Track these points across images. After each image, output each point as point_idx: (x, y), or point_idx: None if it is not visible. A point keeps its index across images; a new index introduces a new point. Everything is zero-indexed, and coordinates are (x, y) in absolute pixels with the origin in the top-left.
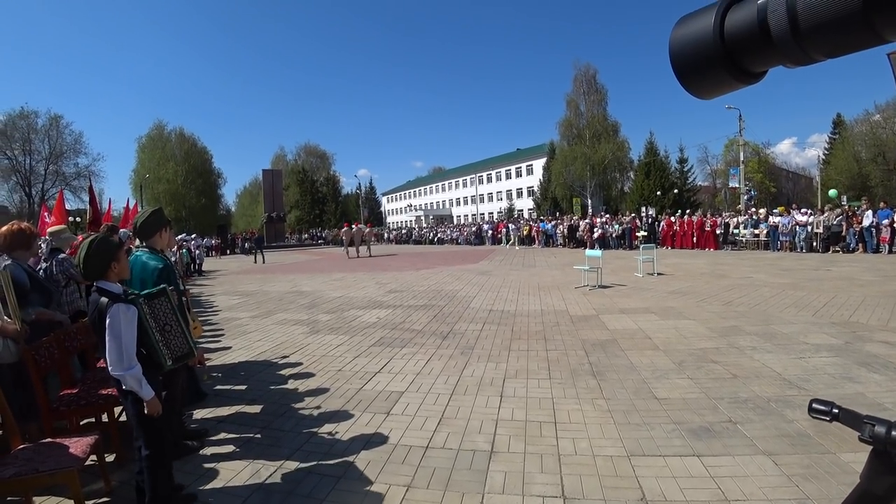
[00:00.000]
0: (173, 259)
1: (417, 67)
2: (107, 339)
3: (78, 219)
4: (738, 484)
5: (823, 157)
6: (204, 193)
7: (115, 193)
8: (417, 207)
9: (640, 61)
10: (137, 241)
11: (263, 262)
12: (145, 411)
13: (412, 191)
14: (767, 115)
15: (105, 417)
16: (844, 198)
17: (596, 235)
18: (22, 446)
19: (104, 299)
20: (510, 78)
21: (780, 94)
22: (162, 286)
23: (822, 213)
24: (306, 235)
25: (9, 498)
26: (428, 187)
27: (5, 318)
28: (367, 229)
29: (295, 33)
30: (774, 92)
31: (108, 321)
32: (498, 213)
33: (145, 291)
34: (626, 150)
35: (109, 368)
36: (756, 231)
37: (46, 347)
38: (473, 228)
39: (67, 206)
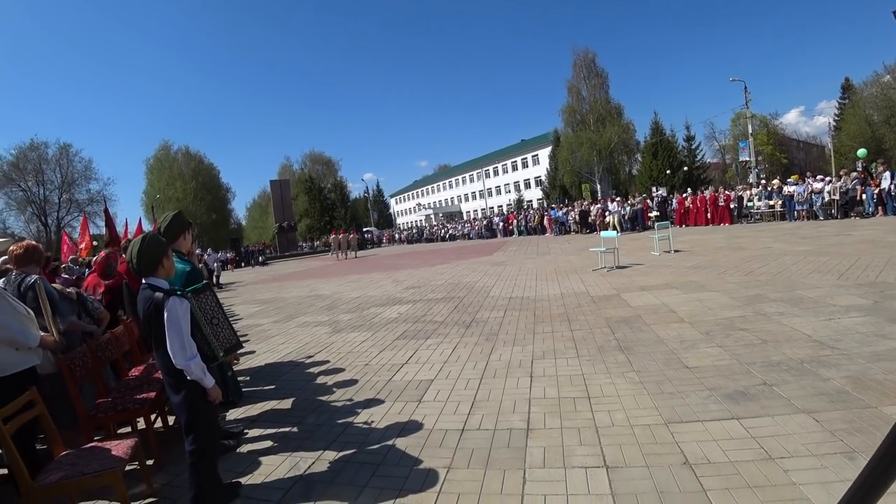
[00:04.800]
0: None
1: (414, 66)
2: (167, 332)
3: (95, 242)
4: (780, 442)
5: (834, 124)
6: (214, 209)
7: (128, 216)
8: (426, 206)
9: (638, 42)
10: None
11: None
12: (210, 398)
13: (419, 190)
14: (772, 86)
15: (141, 424)
16: (859, 163)
17: (608, 219)
18: (65, 452)
19: (158, 294)
20: (509, 70)
21: (783, 64)
22: (205, 282)
23: (839, 178)
24: (318, 243)
25: None
26: (435, 185)
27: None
28: (352, 236)
29: (291, 41)
30: (778, 62)
31: (166, 315)
32: (507, 205)
33: (191, 287)
34: (632, 132)
35: (174, 360)
36: (771, 202)
37: (80, 357)
38: (484, 222)
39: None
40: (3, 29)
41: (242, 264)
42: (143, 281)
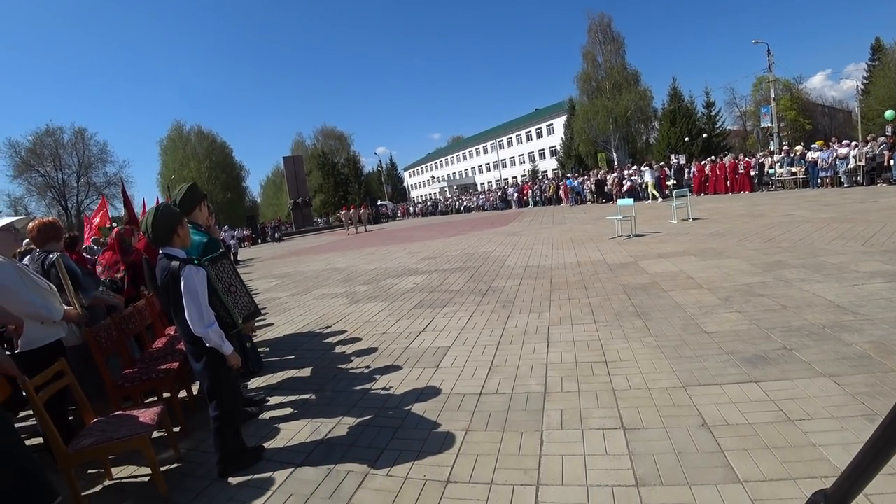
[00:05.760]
0: None
1: (424, 37)
2: (185, 300)
3: (114, 224)
4: (800, 405)
5: (862, 87)
6: (229, 187)
7: (145, 196)
8: (440, 179)
9: (656, 5)
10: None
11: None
12: (229, 364)
13: (433, 162)
14: (797, 49)
15: (167, 394)
16: (889, 127)
17: (626, 188)
18: (95, 420)
19: (175, 263)
20: (522, 37)
21: (810, 26)
22: (222, 250)
23: (866, 143)
24: (332, 218)
25: (89, 471)
26: (448, 157)
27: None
28: (362, 210)
29: (297, 15)
30: (804, 24)
31: (183, 283)
32: (522, 176)
33: (208, 256)
34: (649, 98)
35: (192, 328)
36: (793, 169)
37: (106, 330)
38: (499, 193)
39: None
40: (8, 13)
41: (259, 241)
42: (160, 251)
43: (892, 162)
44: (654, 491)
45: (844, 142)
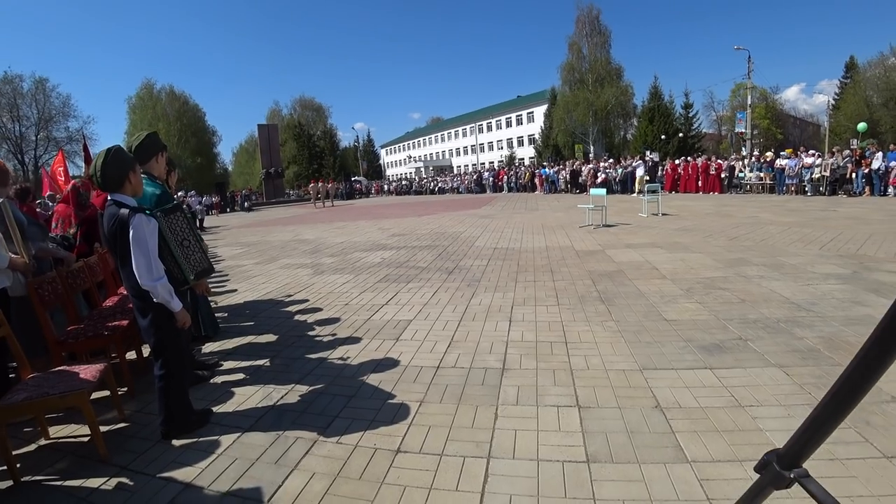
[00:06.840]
0: None
1: (411, 14)
2: (133, 251)
3: (74, 179)
4: (751, 392)
5: (833, 103)
6: (199, 152)
7: None
8: (417, 159)
9: (644, 1)
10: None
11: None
12: (177, 323)
13: (411, 142)
14: (776, 60)
15: (114, 354)
16: (855, 141)
17: (599, 180)
18: (32, 375)
19: (124, 210)
20: (510, 21)
21: (789, 39)
22: (176, 202)
23: (832, 155)
24: (302, 191)
25: (26, 429)
26: (426, 138)
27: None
28: (330, 185)
29: None
30: (783, 36)
31: (132, 232)
32: (499, 161)
33: (161, 207)
34: (630, 95)
35: (139, 280)
36: (762, 174)
37: (50, 282)
38: (474, 177)
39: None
40: None
41: (228, 210)
42: (108, 197)
43: (853, 175)
44: (604, 468)
45: (811, 152)
